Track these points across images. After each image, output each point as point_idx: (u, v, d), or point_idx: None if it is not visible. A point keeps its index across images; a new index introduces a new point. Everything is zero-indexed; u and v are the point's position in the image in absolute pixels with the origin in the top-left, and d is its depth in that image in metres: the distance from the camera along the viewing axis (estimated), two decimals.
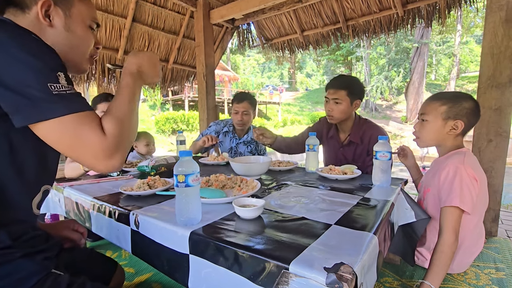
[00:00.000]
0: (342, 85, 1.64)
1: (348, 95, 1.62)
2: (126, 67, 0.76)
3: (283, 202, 0.96)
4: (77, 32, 0.73)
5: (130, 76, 0.74)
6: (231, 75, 18.15)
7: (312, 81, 35.42)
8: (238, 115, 2.11)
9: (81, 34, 0.74)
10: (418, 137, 1.20)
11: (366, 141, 1.66)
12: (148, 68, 0.79)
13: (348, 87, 1.63)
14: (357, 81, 1.72)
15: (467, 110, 1.08)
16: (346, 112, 1.65)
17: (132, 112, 0.70)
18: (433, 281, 0.94)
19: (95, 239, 1.74)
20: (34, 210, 0.72)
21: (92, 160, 0.62)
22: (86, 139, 0.60)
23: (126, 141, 0.67)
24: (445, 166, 1.06)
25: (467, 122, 1.09)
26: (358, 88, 1.67)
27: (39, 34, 0.63)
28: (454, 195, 0.99)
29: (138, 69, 0.76)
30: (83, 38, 0.75)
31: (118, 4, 2.85)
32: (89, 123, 0.60)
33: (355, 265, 0.54)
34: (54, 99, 0.57)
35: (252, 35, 3.70)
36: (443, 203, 1.03)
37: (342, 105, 1.62)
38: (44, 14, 0.67)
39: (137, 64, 0.77)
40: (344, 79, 1.70)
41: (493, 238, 1.52)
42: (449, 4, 2.45)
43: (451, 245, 0.97)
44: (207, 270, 0.68)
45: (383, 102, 21.88)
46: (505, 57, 1.61)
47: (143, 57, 0.78)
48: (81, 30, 0.74)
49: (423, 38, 15.33)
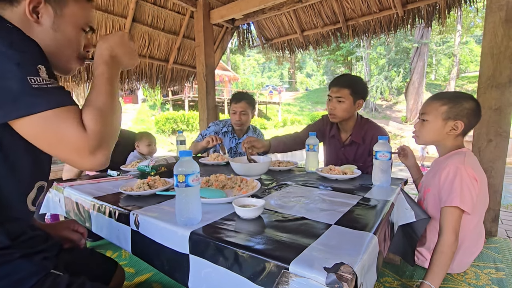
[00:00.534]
0: (345, 84, 1.63)
1: (351, 94, 1.61)
2: (97, 54, 0.71)
3: (283, 202, 0.96)
4: (66, 32, 0.69)
5: (103, 63, 0.69)
6: (231, 75, 18.14)
7: (312, 81, 35.43)
8: (236, 115, 2.11)
9: (70, 35, 0.70)
10: (418, 136, 1.21)
11: (368, 141, 1.65)
12: (121, 50, 0.73)
13: (352, 86, 1.62)
14: (361, 80, 1.71)
15: (468, 111, 1.08)
16: (349, 111, 1.64)
17: (113, 102, 0.66)
18: (433, 281, 0.94)
19: (95, 239, 1.74)
20: (30, 207, 0.71)
21: (75, 157, 0.59)
22: (66, 136, 0.57)
23: (109, 135, 0.63)
24: (445, 166, 1.06)
25: (468, 123, 1.09)
26: (362, 88, 1.66)
27: (25, 30, 0.61)
28: (455, 195, 0.99)
29: (111, 54, 0.71)
30: (71, 40, 0.71)
31: (118, 4, 2.85)
32: (69, 118, 0.57)
33: (355, 265, 0.55)
34: (34, 93, 0.55)
35: (252, 35, 3.70)
36: (443, 203, 1.03)
37: (344, 103, 1.61)
38: (31, 10, 0.64)
39: (108, 49, 0.71)
40: (348, 78, 1.69)
41: (493, 238, 1.52)
42: (449, 4, 2.45)
43: (451, 245, 0.97)
44: (207, 270, 0.68)
45: (383, 102, 21.89)
46: (505, 57, 1.61)
47: (113, 40, 0.73)
48: (71, 31, 0.70)
49: (423, 38, 15.33)
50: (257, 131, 2.36)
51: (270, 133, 14.29)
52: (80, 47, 0.75)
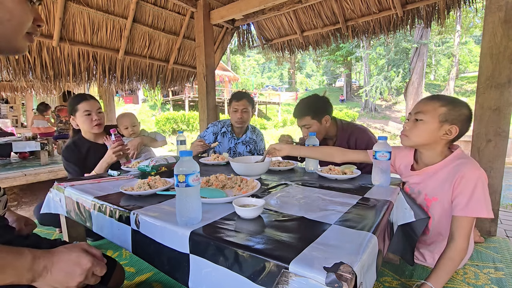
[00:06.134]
0: (304, 112, 1.71)
1: (313, 118, 1.68)
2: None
3: (283, 202, 0.97)
4: (6, 4, 0.59)
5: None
6: (231, 75, 18.15)
7: (312, 81, 35.46)
8: (238, 112, 2.12)
9: (11, 6, 0.59)
10: (407, 135, 1.14)
11: (353, 144, 1.69)
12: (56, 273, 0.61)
13: (310, 111, 1.69)
14: (316, 100, 1.75)
15: (464, 117, 1.05)
16: (320, 131, 1.71)
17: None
18: (436, 284, 0.94)
19: (96, 239, 1.74)
20: None
21: None
22: None
23: None
24: (460, 174, 1.02)
25: (460, 129, 1.05)
26: (320, 106, 1.71)
27: None
28: (480, 205, 0.97)
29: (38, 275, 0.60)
30: (14, 12, 0.60)
31: (118, 5, 2.85)
32: None
33: (355, 265, 0.55)
34: None
35: (252, 36, 3.70)
36: (460, 211, 1.00)
37: (313, 127, 1.70)
38: None
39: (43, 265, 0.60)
40: (303, 105, 1.74)
41: (492, 238, 1.53)
42: (448, 4, 2.45)
43: (462, 252, 0.97)
44: (207, 269, 0.68)
45: (383, 102, 21.90)
46: (504, 57, 1.61)
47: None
48: (11, 2, 0.59)
49: (423, 38, 15.34)
50: (256, 131, 2.36)
51: (270, 133, 14.30)
52: (27, 21, 0.63)
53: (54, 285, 0.61)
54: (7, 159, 3.89)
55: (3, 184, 2.63)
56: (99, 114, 1.76)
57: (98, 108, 1.77)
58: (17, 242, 0.82)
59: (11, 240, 0.79)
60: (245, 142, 2.26)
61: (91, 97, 1.77)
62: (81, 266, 0.64)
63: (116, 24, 2.94)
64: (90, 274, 0.65)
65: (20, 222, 0.99)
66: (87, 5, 2.67)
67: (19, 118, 9.00)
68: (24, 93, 6.43)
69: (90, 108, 1.72)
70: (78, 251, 0.66)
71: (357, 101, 22.73)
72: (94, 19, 2.78)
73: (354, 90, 25.58)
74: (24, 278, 0.58)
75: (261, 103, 18.00)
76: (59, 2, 2.49)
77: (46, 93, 4.74)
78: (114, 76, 3.21)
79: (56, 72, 2.76)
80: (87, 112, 1.72)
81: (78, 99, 1.73)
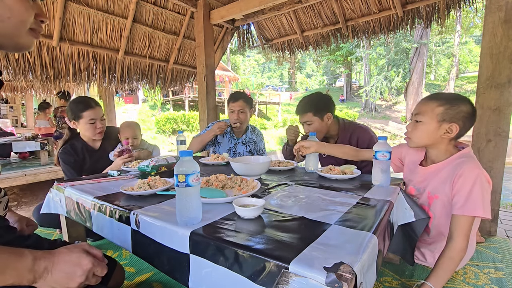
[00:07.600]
0: (306, 108, 1.71)
1: (315, 115, 1.68)
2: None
3: (283, 202, 0.97)
4: (6, 1, 0.58)
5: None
6: (231, 75, 18.15)
7: (312, 81, 35.47)
8: (234, 113, 2.12)
9: (11, 4, 0.59)
10: (410, 137, 1.16)
11: (354, 144, 1.68)
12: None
13: (312, 107, 1.69)
14: (319, 97, 1.75)
15: (464, 114, 1.04)
16: (321, 129, 1.70)
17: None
18: (436, 283, 0.94)
19: (96, 239, 1.74)
20: None
21: None
22: None
23: None
24: (460, 173, 1.02)
25: (462, 126, 1.05)
26: (323, 103, 1.71)
27: None
28: (476, 205, 0.97)
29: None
30: (14, 9, 0.59)
31: (118, 5, 2.85)
32: None
33: (355, 265, 0.55)
34: None
35: (252, 36, 3.70)
36: (458, 210, 1.00)
37: (314, 124, 1.70)
38: None
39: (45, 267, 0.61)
40: (306, 102, 1.74)
41: (492, 238, 1.53)
42: (448, 4, 2.45)
43: (461, 252, 0.97)
44: (207, 269, 0.68)
45: (383, 102, 21.90)
46: (504, 57, 1.61)
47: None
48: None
49: (423, 38, 15.34)
50: (256, 131, 2.36)
51: (270, 133, 14.29)
52: (28, 17, 0.62)
53: (54, 286, 0.61)
54: (7, 159, 3.89)
55: (3, 184, 2.63)
56: (102, 122, 1.77)
57: (102, 115, 1.78)
58: (17, 242, 0.82)
59: (11, 241, 0.79)
60: (245, 142, 2.26)
61: (96, 104, 1.76)
62: (82, 267, 0.64)
63: (116, 24, 2.94)
64: (91, 275, 0.65)
65: (22, 222, 0.99)
66: (87, 5, 2.67)
67: (19, 118, 8.99)
68: (24, 93, 6.43)
69: (95, 117, 1.72)
70: (78, 252, 0.66)
71: (357, 101, 22.73)
72: (94, 19, 2.78)
73: (354, 90, 25.58)
74: (25, 279, 0.58)
75: (261, 103, 18.00)
76: (59, 2, 2.49)
77: (46, 93, 4.74)
78: (114, 76, 3.21)
79: (56, 72, 2.76)
80: (93, 121, 1.72)
81: (84, 106, 1.71)
